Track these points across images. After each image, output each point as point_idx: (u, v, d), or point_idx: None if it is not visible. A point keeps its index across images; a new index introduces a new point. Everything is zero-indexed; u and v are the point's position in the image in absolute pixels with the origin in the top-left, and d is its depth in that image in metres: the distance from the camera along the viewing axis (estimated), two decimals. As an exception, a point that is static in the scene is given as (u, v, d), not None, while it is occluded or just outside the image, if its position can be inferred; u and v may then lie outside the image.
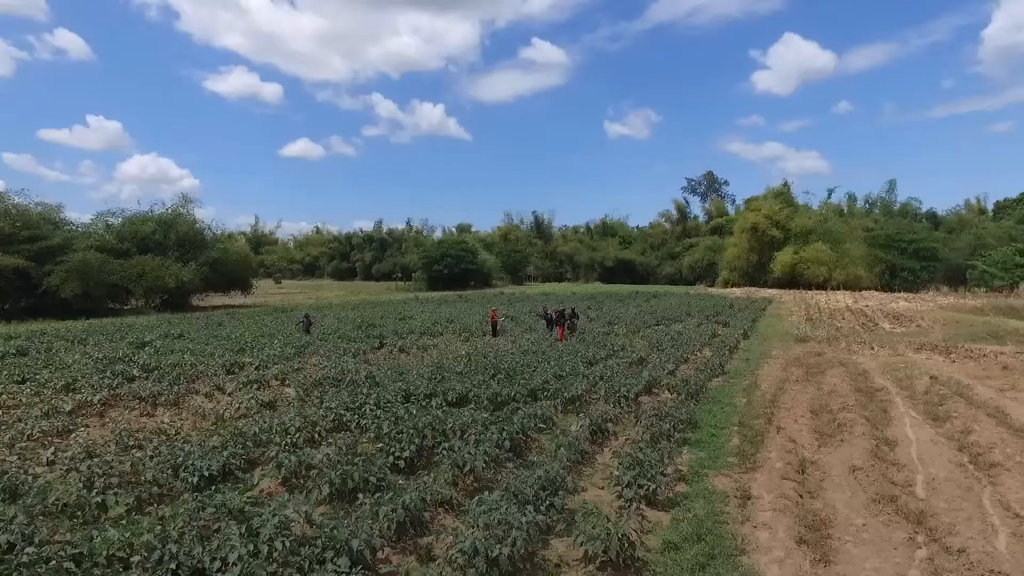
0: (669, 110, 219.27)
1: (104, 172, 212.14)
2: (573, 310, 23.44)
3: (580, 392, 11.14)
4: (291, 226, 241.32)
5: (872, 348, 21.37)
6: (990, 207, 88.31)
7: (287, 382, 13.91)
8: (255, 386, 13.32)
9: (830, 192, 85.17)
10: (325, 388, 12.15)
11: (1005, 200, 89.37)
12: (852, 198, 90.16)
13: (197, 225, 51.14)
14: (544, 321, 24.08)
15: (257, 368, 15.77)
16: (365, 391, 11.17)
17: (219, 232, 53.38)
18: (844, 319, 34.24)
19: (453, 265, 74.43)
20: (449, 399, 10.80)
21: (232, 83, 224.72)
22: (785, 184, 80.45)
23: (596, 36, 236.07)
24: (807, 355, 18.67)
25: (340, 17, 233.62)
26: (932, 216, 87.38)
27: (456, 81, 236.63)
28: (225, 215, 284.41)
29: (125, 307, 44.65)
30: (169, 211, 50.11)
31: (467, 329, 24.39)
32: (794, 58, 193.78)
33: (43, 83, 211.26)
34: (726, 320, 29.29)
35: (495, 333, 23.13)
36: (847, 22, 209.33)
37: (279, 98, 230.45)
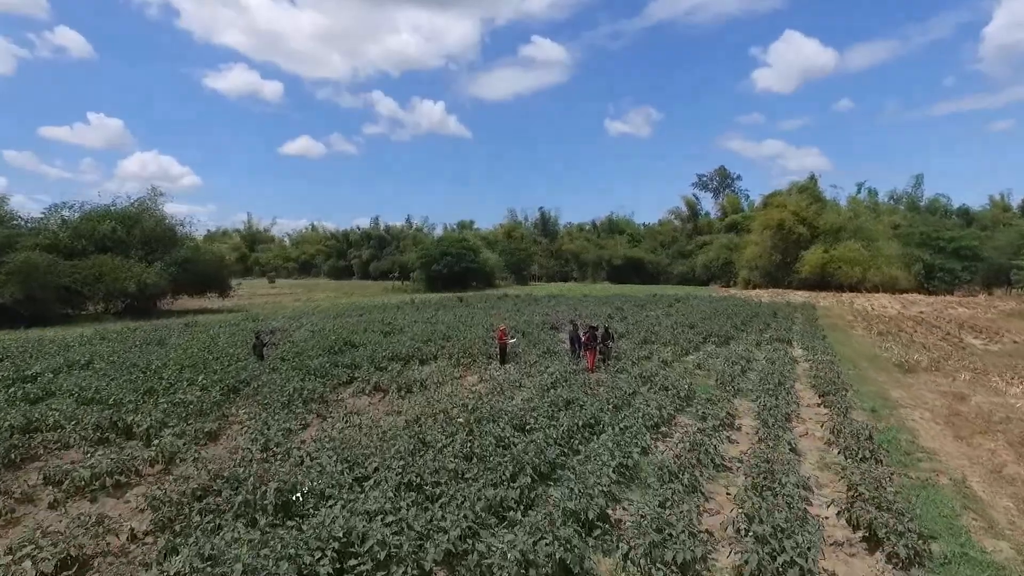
0: (670, 108, 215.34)
1: (105, 170, 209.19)
2: (607, 329, 17.88)
3: (694, 553, 5.44)
4: (292, 224, 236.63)
5: (1010, 381, 15.87)
6: (1015, 204, 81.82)
7: (170, 471, 8.44)
8: (106, 483, 7.86)
9: (859, 186, 79.24)
10: (200, 512, 6.52)
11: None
12: (873, 193, 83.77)
13: (167, 221, 45.69)
14: (568, 340, 18.58)
15: (147, 432, 10.32)
16: (254, 545, 5.46)
17: (190, 229, 47.58)
18: (916, 331, 28.71)
19: (453, 264, 68.67)
20: (427, 567, 5.24)
21: (232, 81, 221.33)
22: (811, 178, 74.52)
23: (596, 34, 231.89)
24: (950, 399, 13.17)
25: (340, 15, 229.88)
26: (965, 213, 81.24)
27: (456, 79, 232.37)
28: (226, 213, 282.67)
29: (82, 312, 39.27)
30: (135, 205, 44.70)
31: (468, 351, 18.88)
32: (795, 56, 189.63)
33: (44, 81, 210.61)
34: (786, 336, 23.76)
35: (504, 360, 17.64)
36: (848, 19, 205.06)
37: (279, 96, 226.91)
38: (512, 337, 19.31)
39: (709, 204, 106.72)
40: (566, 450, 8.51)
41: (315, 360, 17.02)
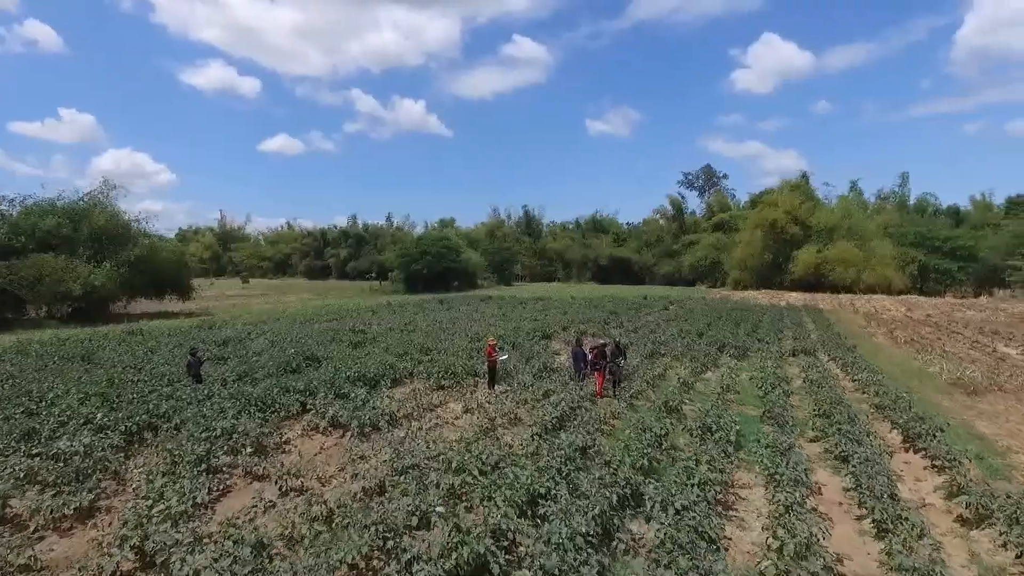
0: (650, 108, 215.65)
1: (77, 166, 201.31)
2: (618, 344, 14.91)
3: None
4: (269, 222, 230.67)
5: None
6: (998, 203, 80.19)
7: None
8: None
9: (853, 184, 77.52)
10: None
11: (1019, 196, 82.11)
12: (858, 192, 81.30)
13: (123, 217, 41.38)
14: (571, 358, 15.61)
15: (-14, 509, 7.13)
16: None
17: (147, 225, 43.15)
18: (940, 338, 26.39)
19: (434, 264, 65.27)
20: None
21: (209, 77, 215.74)
22: (804, 176, 72.74)
23: (577, 34, 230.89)
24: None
25: (319, 11, 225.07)
26: (955, 212, 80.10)
27: (437, 77, 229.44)
28: (203, 210, 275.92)
29: (23, 318, 35.18)
30: (84, 199, 40.45)
31: (450, 369, 15.78)
32: (773, 58, 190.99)
33: (13, 75, 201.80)
34: (809, 346, 21.11)
35: (493, 381, 14.59)
36: (825, 22, 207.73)
37: (257, 92, 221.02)
38: (503, 352, 16.31)
39: (695, 203, 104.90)
40: (606, 558, 5.54)
41: (262, 383, 13.81)
